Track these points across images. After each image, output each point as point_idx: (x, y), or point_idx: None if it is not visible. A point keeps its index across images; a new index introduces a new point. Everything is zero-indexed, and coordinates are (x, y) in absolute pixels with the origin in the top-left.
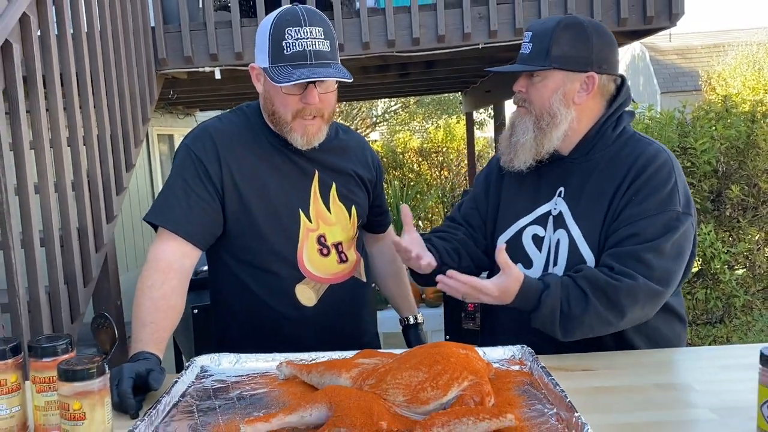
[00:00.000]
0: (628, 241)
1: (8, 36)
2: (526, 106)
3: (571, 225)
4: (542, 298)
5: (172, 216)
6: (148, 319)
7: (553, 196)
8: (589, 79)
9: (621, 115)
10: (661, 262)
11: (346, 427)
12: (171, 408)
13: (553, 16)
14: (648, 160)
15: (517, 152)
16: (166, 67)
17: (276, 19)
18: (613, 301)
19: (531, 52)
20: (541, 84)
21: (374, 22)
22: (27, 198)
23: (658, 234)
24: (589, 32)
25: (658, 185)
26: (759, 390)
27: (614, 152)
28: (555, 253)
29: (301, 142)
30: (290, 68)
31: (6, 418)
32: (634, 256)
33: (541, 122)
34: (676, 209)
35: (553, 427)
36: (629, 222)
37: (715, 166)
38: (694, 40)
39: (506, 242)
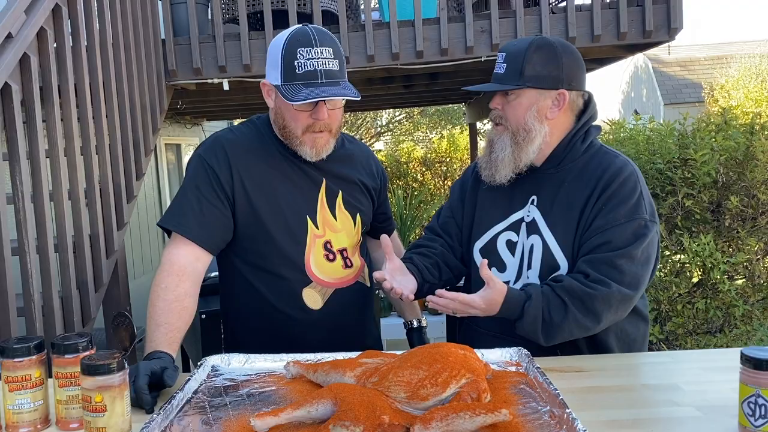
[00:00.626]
0: (601, 248)
1: (26, 49)
2: (503, 123)
3: (545, 231)
4: (525, 308)
5: (185, 222)
6: (161, 320)
7: (526, 204)
8: (560, 95)
9: (589, 129)
10: (632, 268)
11: (350, 420)
12: (184, 403)
13: (526, 37)
14: (615, 173)
15: (498, 167)
16: (176, 78)
17: (288, 40)
18: (590, 308)
19: (505, 72)
20: (516, 102)
21: (379, 36)
22: (42, 205)
23: (629, 241)
24: (559, 52)
25: (625, 196)
26: (740, 388)
27: (583, 164)
28: (529, 258)
29: (311, 154)
30: (302, 87)
31: (30, 411)
32: (608, 263)
33: (518, 137)
34: (643, 217)
35: (545, 423)
36: (600, 231)
37: (715, 177)
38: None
39: (482, 248)
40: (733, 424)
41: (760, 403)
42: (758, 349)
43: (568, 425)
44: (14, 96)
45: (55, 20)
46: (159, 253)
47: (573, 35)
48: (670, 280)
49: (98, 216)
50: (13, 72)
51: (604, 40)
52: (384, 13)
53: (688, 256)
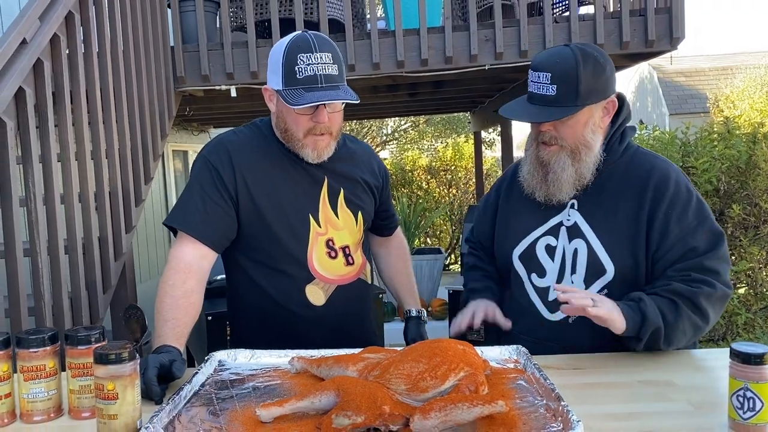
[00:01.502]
0: (689, 254)
1: (40, 54)
2: (558, 143)
3: (590, 235)
4: (643, 310)
5: (190, 220)
6: (169, 316)
7: (565, 208)
8: (609, 104)
9: (625, 130)
10: (724, 266)
11: (352, 410)
12: (192, 395)
13: (558, 48)
14: (664, 176)
15: (561, 187)
16: (184, 84)
17: (288, 46)
18: (699, 306)
19: (558, 94)
20: (572, 121)
21: (384, 44)
22: (53, 208)
23: (712, 242)
24: (601, 62)
25: (686, 199)
26: (729, 382)
27: (624, 165)
28: (572, 262)
29: (312, 156)
30: (303, 91)
31: (44, 400)
32: (702, 267)
33: (579, 154)
34: (711, 217)
35: (541, 416)
36: (680, 239)
37: (716, 186)
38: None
39: (521, 254)
40: (722, 418)
41: (749, 396)
42: (747, 344)
43: (563, 417)
44: (28, 100)
45: (68, 27)
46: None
47: None
48: None
49: (107, 219)
50: (27, 77)
51: (607, 49)
52: (389, 21)
53: None
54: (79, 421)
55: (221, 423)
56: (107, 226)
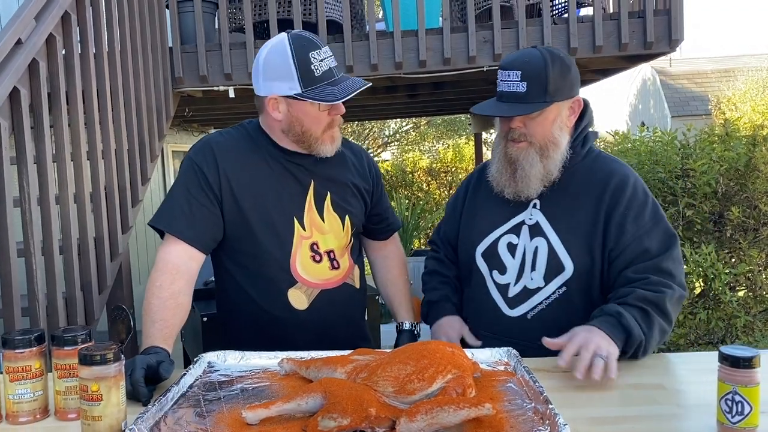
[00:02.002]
0: (644, 255)
1: (35, 55)
2: (527, 140)
3: (550, 234)
4: (625, 325)
5: (176, 222)
6: (157, 317)
7: (527, 207)
8: (575, 102)
9: (587, 134)
10: (678, 268)
11: (338, 413)
12: (179, 397)
13: (527, 50)
14: (622, 180)
15: (529, 184)
16: (182, 85)
17: (294, 48)
18: (664, 311)
19: (528, 90)
20: (541, 118)
21: (382, 45)
22: (48, 208)
23: (666, 244)
24: (567, 62)
25: (642, 201)
26: (718, 385)
27: (585, 168)
28: (532, 259)
29: (330, 149)
30: (328, 86)
31: (30, 401)
32: (656, 268)
33: (547, 151)
34: (664, 218)
35: (529, 419)
36: (635, 238)
37: (715, 188)
38: (704, 65)
39: (484, 252)
40: (711, 422)
41: (737, 400)
42: (736, 348)
43: (550, 420)
44: (23, 101)
45: (64, 27)
46: None
47: (575, 46)
48: None
49: (103, 219)
50: (22, 77)
51: (606, 51)
52: (388, 22)
53: (689, 267)
54: (65, 423)
55: (207, 425)
56: (103, 226)
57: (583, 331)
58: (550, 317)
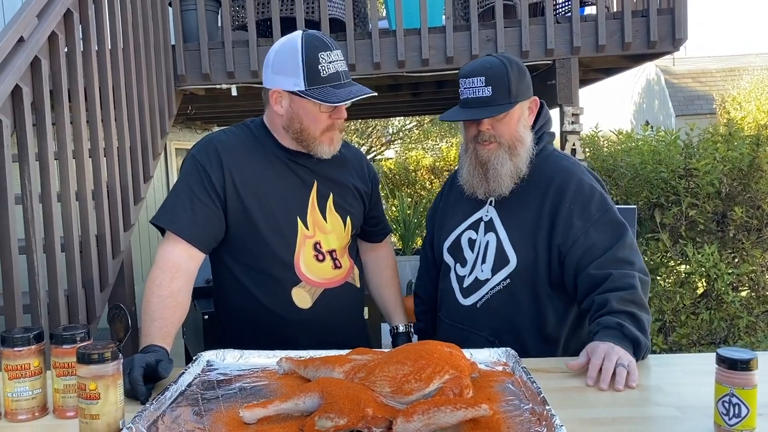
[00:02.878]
0: (593, 249)
1: (38, 52)
2: (496, 140)
3: (500, 229)
4: (627, 334)
5: (177, 220)
6: (156, 315)
7: (485, 204)
8: (533, 102)
9: (542, 135)
10: (635, 255)
11: (335, 413)
12: (178, 395)
13: (484, 58)
14: (566, 176)
15: (501, 182)
16: (185, 83)
17: (305, 46)
18: (640, 303)
19: (494, 94)
20: (507, 118)
21: (385, 43)
22: (50, 205)
23: (616, 233)
24: (521, 65)
25: (588, 194)
26: (715, 388)
27: (537, 166)
28: (484, 253)
29: (328, 151)
30: (331, 89)
31: (28, 399)
32: (614, 260)
33: (515, 149)
34: (612, 208)
35: (526, 419)
36: (581, 233)
37: (718, 188)
38: (709, 64)
39: (449, 246)
40: (709, 424)
41: (734, 402)
42: (733, 350)
43: (547, 421)
44: (25, 98)
45: (66, 25)
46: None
47: (578, 45)
48: (674, 290)
49: (105, 217)
50: (24, 75)
51: (609, 50)
52: (391, 21)
53: (692, 267)
54: (64, 420)
55: (205, 424)
56: (105, 224)
57: (602, 344)
58: (495, 306)
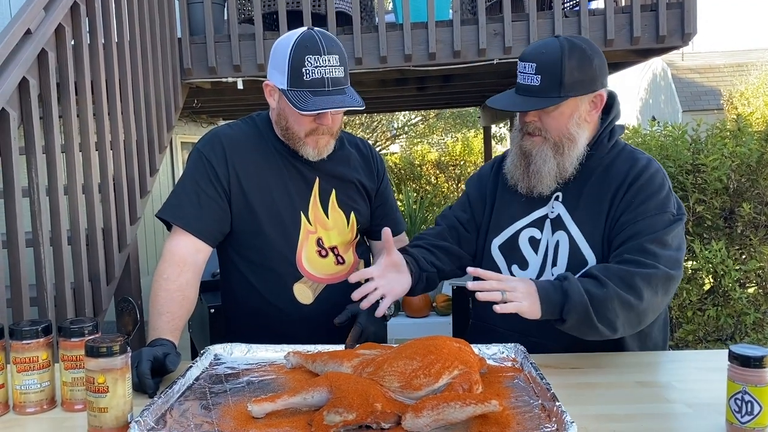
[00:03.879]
0: (631, 240)
1: (45, 45)
2: (541, 134)
3: (572, 227)
4: (565, 288)
5: (183, 214)
6: (164, 309)
7: (550, 201)
8: (597, 97)
9: (614, 128)
10: (666, 252)
11: (343, 407)
12: (185, 389)
13: (547, 40)
14: (642, 169)
15: (542, 179)
16: (191, 76)
17: (296, 45)
18: (630, 284)
19: (542, 84)
20: (557, 113)
21: (392, 37)
22: (56, 198)
23: (659, 229)
24: (589, 54)
25: (653, 191)
26: (728, 385)
27: (610, 160)
28: (554, 255)
29: (313, 154)
30: (309, 95)
31: (37, 392)
32: (639, 249)
33: (562, 147)
34: (671, 211)
35: (536, 416)
36: (630, 224)
37: (726, 184)
38: (716, 59)
39: (501, 245)
40: (720, 421)
41: (747, 399)
42: (746, 347)
43: (557, 418)
44: (32, 91)
45: (73, 17)
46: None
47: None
48: (681, 286)
49: (111, 210)
50: (31, 67)
51: (617, 44)
52: (397, 14)
53: (699, 263)
54: (72, 413)
55: (213, 417)
56: (111, 217)
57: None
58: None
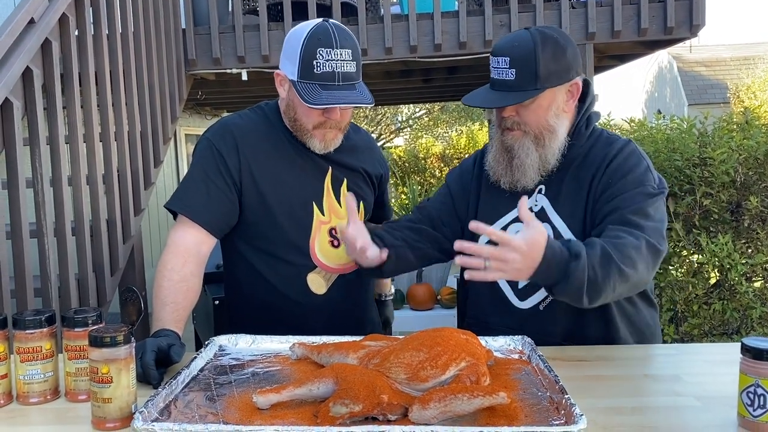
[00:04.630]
0: (612, 213)
1: (48, 35)
2: (521, 128)
3: (555, 218)
4: (570, 269)
5: (191, 204)
6: (168, 300)
7: (533, 194)
8: (573, 86)
9: (590, 115)
10: (648, 223)
11: (350, 399)
12: (190, 380)
13: (517, 33)
14: (617, 150)
15: (524, 173)
16: (195, 68)
17: (309, 37)
18: (627, 255)
19: (517, 78)
20: (534, 105)
21: (397, 28)
22: (61, 189)
23: (639, 202)
24: (562, 43)
25: (630, 168)
26: (739, 378)
27: (588, 148)
28: None
29: (320, 147)
30: (319, 88)
31: (41, 382)
32: (622, 221)
33: (543, 140)
34: (651, 185)
35: (544, 408)
36: (609, 200)
37: (733, 177)
38: (723, 52)
39: (489, 241)
40: (731, 414)
41: (759, 393)
42: (759, 340)
43: (565, 410)
44: (35, 81)
45: (77, 7)
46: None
47: (593, 30)
48: (686, 280)
49: (116, 201)
50: (35, 57)
51: (625, 36)
52: (403, 5)
53: (705, 257)
54: (75, 404)
55: (218, 408)
56: (115, 208)
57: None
58: (564, 305)
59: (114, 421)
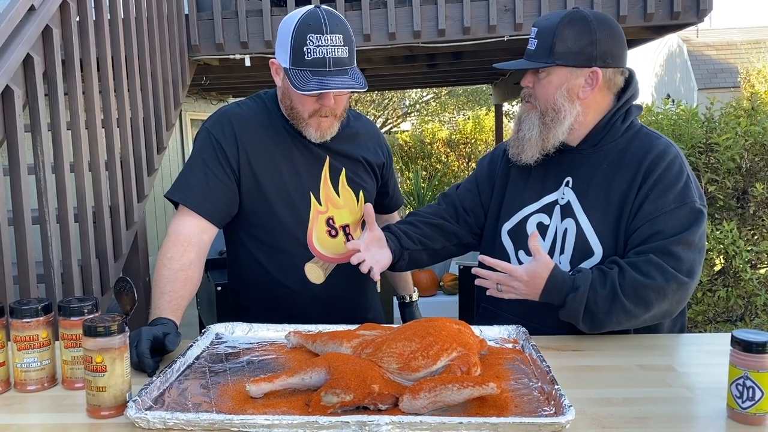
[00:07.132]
0: (653, 238)
1: (49, 21)
2: (532, 101)
3: (580, 215)
4: (567, 300)
5: (191, 194)
6: (166, 288)
7: (560, 186)
8: (592, 74)
9: (629, 108)
10: (689, 254)
11: (341, 388)
12: (185, 368)
13: (560, 11)
14: (658, 156)
15: (524, 147)
16: (198, 53)
17: (299, 24)
18: (642, 297)
19: (536, 48)
20: (546, 80)
21: (401, 13)
22: (63, 176)
23: (683, 227)
24: (593, 27)
25: (672, 180)
26: (729, 370)
27: (623, 145)
28: (562, 242)
29: (316, 135)
30: (310, 74)
31: (38, 370)
32: (663, 250)
33: (546, 117)
34: (693, 200)
35: (534, 398)
36: (649, 219)
37: (739, 163)
38: (734, 36)
39: (510, 230)
40: (721, 406)
41: (748, 385)
42: (748, 332)
43: (555, 401)
44: (36, 68)
45: None
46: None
47: None
48: None
49: (119, 187)
50: (36, 44)
51: (630, 21)
52: None
53: (710, 244)
54: (72, 391)
55: (211, 397)
56: (118, 194)
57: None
58: None
59: (108, 410)
